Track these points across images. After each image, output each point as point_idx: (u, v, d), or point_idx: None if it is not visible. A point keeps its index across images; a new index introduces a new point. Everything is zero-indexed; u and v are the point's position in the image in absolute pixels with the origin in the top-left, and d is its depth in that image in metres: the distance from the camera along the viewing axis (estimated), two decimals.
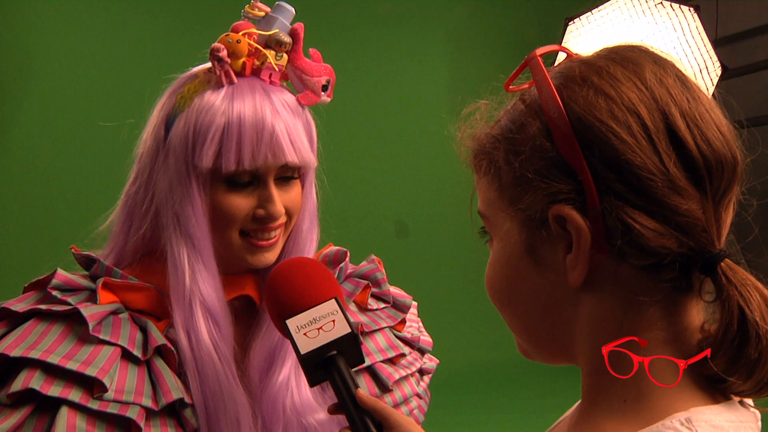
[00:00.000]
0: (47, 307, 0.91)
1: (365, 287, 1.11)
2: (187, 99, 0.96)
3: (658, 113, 0.59)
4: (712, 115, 0.60)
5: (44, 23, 4.27)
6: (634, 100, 0.59)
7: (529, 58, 0.64)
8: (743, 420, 0.60)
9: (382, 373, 1.06)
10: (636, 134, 0.58)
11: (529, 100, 0.64)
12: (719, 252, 0.58)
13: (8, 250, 4.04)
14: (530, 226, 0.63)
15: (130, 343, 0.91)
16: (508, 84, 0.68)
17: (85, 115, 4.21)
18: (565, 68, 0.64)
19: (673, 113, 0.59)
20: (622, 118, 0.58)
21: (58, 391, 0.85)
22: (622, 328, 0.61)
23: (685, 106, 0.59)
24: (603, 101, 0.59)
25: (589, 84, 0.60)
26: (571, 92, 0.61)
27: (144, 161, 0.99)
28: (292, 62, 1.00)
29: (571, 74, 0.62)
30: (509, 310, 0.68)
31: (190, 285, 0.94)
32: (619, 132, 0.58)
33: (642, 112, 0.59)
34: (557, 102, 0.60)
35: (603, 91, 0.60)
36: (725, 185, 0.60)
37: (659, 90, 0.60)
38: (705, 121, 0.59)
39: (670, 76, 0.61)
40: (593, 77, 0.61)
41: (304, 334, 0.79)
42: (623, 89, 0.60)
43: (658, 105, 0.59)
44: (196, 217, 0.94)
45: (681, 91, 0.60)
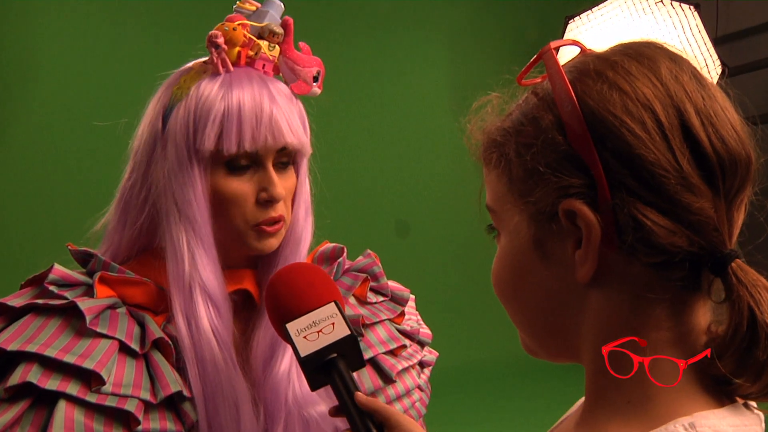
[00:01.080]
0: (44, 302, 0.91)
1: (364, 280, 1.11)
2: (185, 89, 0.97)
3: (673, 109, 0.58)
4: (727, 114, 0.60)
5: (45, 23, 4.27)
6: (648, 96, 0.58)
7: (543, 51, 0.64)
8: (747, 423, 0.60)
9: (384, 365, 1.06)
10: (650, 130, 0.57)
11: (541, 94, 0.64)
12: (730, 252, 0.57)
13: (8, 249, 4.04)
14: (539, 220, 0.62)
15: (128, 337, 0.91)
16: (521, 77, 0.67)
17: (85, 114, 4.21)
18: (579, 63, 0.63)
19: (688, 110, 0.58)
20: (636, 113, 0.58)
21: (56, 384, 0.85)
22: (629, 326, 0.60)
23: (700, 104, 0.59)
24: (617, 96, 0.59)
25: (604, 78, 0.60)
26: (585, 86, 0.60)
27: (140, 154, 1.00)
28: (284, 53, 1.03)
29: (585, 68, 0.62)
30: (515, 305, 0.67)
31: (190, 270, 0.94)
32: (633, 127, 0.57)
33: (656, 108, 0.58)
34: (571, 95, 0.60)
35: (617, 86, 0.59)
36: (738, 184, 0.59)
37: (674, 86, 0.59)
38: (720, 119, 0.59)
39: (686, 73, 0.61)
40: (608, 72, 0.60)
41: (304, 337, 0.79)
42: (638, 84, 0.59)
43: (673, 101, 0.58)
44: (197, 202, 0.95)
45: (696, 88, 0.60)
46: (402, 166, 5.14)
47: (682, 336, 0.60)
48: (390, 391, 1.06)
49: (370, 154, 5.03)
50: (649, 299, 0.59)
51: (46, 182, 4.20)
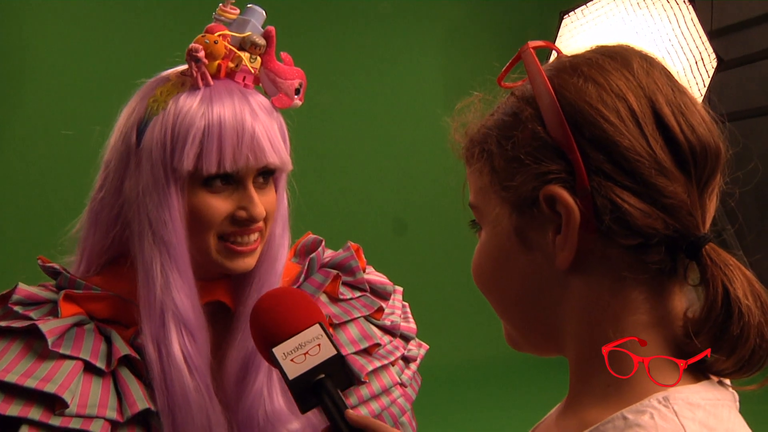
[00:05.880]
0: (6, 324, 0.90)
1: (335, 277, 1.09)
2: (161, 102, 0.94)
3: (645, 100, 0.62)
4: (696, 107, 0.64)
5: (41, 24, 4.25)
6: (622, 87, 0.62)
7: (522, 50, 0.68)
8: (720, 398, 0.62)
9: (353, 366, 1.05)
10: (624, 118, 0.61)
11: (520, 93, 0.67)
12: (704, 235, 0.60)
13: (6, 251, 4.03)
14: (520, 209, 0.65)
15: (93, 356, 0.90)
16: (500, 78, 0.70)
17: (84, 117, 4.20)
18: (555, 62, 0.68)
19: (659, 101, 0.62)
20: (610, 103, 0.61)
21: (17, 410, 0.84)
22: (608, 311, 0.63)
23: (670, 96, 0.63)
24: (593, 88, 0.62)
25: (579, 73, 0.64)
26: (561, 80, 0.64)
27: (113, 167, 0.97)
28: (265, 65, 0.99)
29: (562, 66, 0.66)
30: (496, 295, 0.70)
31: (162, 295, 0.92)
32: (608, 115, 0.61)
33: (630, 99, 0.62)
34: (548, 88, 0.63)
35: (593, 79, 0.63)
36: (709, 172, 0.62)
37: (646, 80, 0.63)
38: (689, 110, 0.62)
39: (657, 69, 0.65)
40: (583, 67, 0.64)
41: (291, 360, 0.80)
42: (612, 78, 0.63)
43: (645, 92, 0.62)
44: (172, 222, 0.92)
45: (666, 83, 0.64)
46: (398, 163, 5.14)
47: (659, 319, 0.63)
48: (363, 391, 1.05)
49: (365, 152, 5.03)
50: (627, 283, 0.62)
51: (42, 185, 4.19)
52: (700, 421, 0.58)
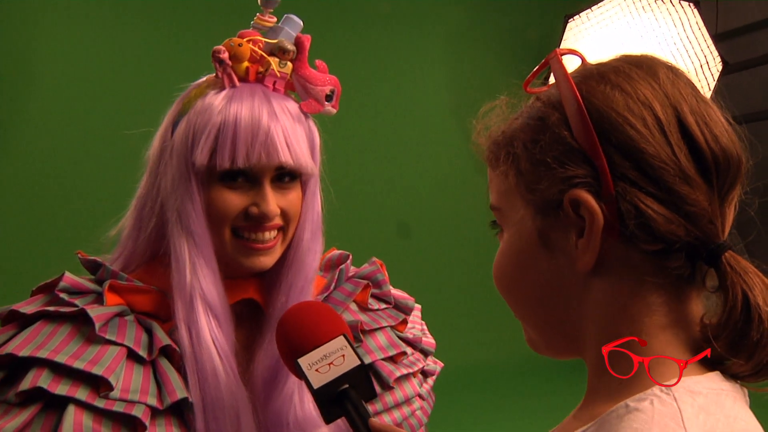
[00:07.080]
0: (55, 309, 0.93)
1: (365, 287, 1.12)
2: (192, 101, 0.98)
3: (671, 109, 0.63)
4: (719, 117, 0.65)
5: (46, 25, 4.27)
6: (648, 96, 0.63)
7: (549, 56, 0.69)
8: (724, 389, 0.63)
9: (382, 371, 1.06)
10: (650, 126, 0.62)
11: (546, 98, 0.68)
12: (723, 243, 0.62)
13: (10, 253, 4.04)
14: (545, 211, 0.66)
15: (136, 344, 0.92)
16: (527, 84, 0.72)
17: (86, 118, 4.21)
18: (582, 69, 0.69)
19: (684, 110, 0.63)
20: (637, 111, 0.63)
21: (66, 389, 0.86)
22: (627, 314, 0.64)
23: (694, 106, 0.64)
24: (620, 95, 0.64)
25: (607, 80, 0.65)
26: (589, 87, 0.65)
27: (152, 164, 1.02)
28: (296, 71, 1.02)
29: (589, 73, 0.67)
30: (518, 297, 0.71)
31: (191, 279, 0.95)
32: (635, 123, 0.62)
33: (656, 107, 0.63)
34: (576, 94, 0.64)
35: (620, 87, 0.64)
36: (730, 181, 0.64)
37: (672, 89, 0.64)
38: (713, 120, 0.64)
39: (681, 79, 0.66)
40: (610, 75, 0.65)
41: (316, 370, 0.81)
42: (638, 86, 0.64)
43: (671, 102, 0.63)
44: (195, 213, 0.96)
45: (691, 93, 0.65)
46: (402, 167, 5.14)
47: (676, 321, 0.64)
48: (388, 398, 1.07)
49: (370, 156, 5.03)
50: (647, 287, 0.63)
51: (47, 185, 4.21)
52: (700, 406, 0.59)
